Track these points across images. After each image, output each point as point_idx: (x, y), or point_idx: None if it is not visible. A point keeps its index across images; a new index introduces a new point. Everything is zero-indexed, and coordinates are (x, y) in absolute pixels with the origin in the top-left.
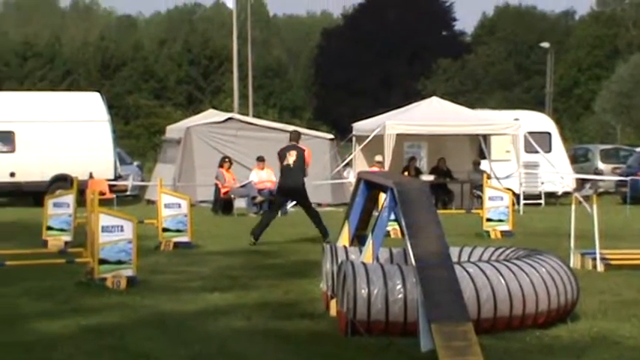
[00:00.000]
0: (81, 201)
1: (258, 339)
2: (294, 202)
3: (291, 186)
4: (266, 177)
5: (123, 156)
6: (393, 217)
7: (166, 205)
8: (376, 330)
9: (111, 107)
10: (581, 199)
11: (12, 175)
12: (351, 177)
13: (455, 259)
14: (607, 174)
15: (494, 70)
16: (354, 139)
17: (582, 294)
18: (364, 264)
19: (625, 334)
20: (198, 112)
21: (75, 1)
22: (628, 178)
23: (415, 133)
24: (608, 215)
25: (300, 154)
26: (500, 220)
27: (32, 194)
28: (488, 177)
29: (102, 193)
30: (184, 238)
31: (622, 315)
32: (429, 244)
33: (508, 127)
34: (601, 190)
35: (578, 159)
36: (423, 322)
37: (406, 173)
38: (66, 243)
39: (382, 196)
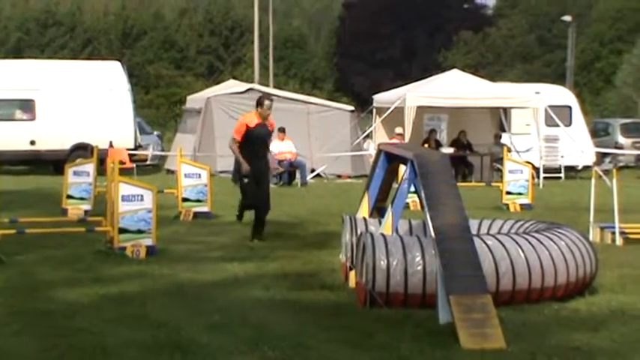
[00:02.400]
0: (101, 170)
1: (277, 309)
2: (315, 173)
3: None
4: (286, 148)
5: (143, 125)
6: (412, 189)
7: (186, 175)
8: (395, 302)
9: (131, 76)
10: (601, 173)
11: (32, 143)
12: (371, 149)
13: (474, 231)
14: (627, 148)
15: (515, 43)
16: (374, 110)
17: (601, 267)
18: (383, 236)
19: None
20: (218, 83)
21: None
22: None
23: (436, 106)
24: (628, 189)
25: None
26: (519, 194)
27: (52, 162)
28: (509, 150)
29: (122, 163)
30: (204, 208)
31: None
32: (449, 217)
33: (529, 101)
34: (621, 164)
35: (598, 133)
36: (442, 294)
37: (426, 145)
38: (86, 212)
39: (402, 168)
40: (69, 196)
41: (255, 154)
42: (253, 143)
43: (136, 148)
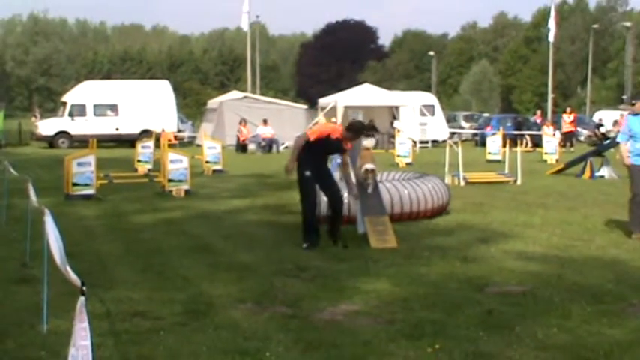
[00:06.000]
0: (157, 145)
1: (263, 226)
2: (284, 145)
3: None
4: (267, 131)
5: (182, 118)
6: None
7: (208, 147)
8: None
9: (175, 89)
10: (452, 144)
11: (117, 129)
12: None
13: (378, 179)
14: (467, 129)
15: (402, 67)
16: (319, 108)
17: (452, 199)
18: None
19: (476, 223)
20: (226, 92)
21: (155, 25)
22: (479, 132)
23: (356, 105)
24: (467, 153)
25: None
26: (405, 156)
27: (129, 141)
28: (399, 131)
29: (169, 140)
30: (219, 167)
31: (474, 211)
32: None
33: (410, 102)
34: (463, 138)
35: (450, 120)
36: (360, 216)
37: None
38: (149, 170)
39: None
40: (139, 161)
41: (317, 158)
42: (322, 150)
43: (178, 132)
